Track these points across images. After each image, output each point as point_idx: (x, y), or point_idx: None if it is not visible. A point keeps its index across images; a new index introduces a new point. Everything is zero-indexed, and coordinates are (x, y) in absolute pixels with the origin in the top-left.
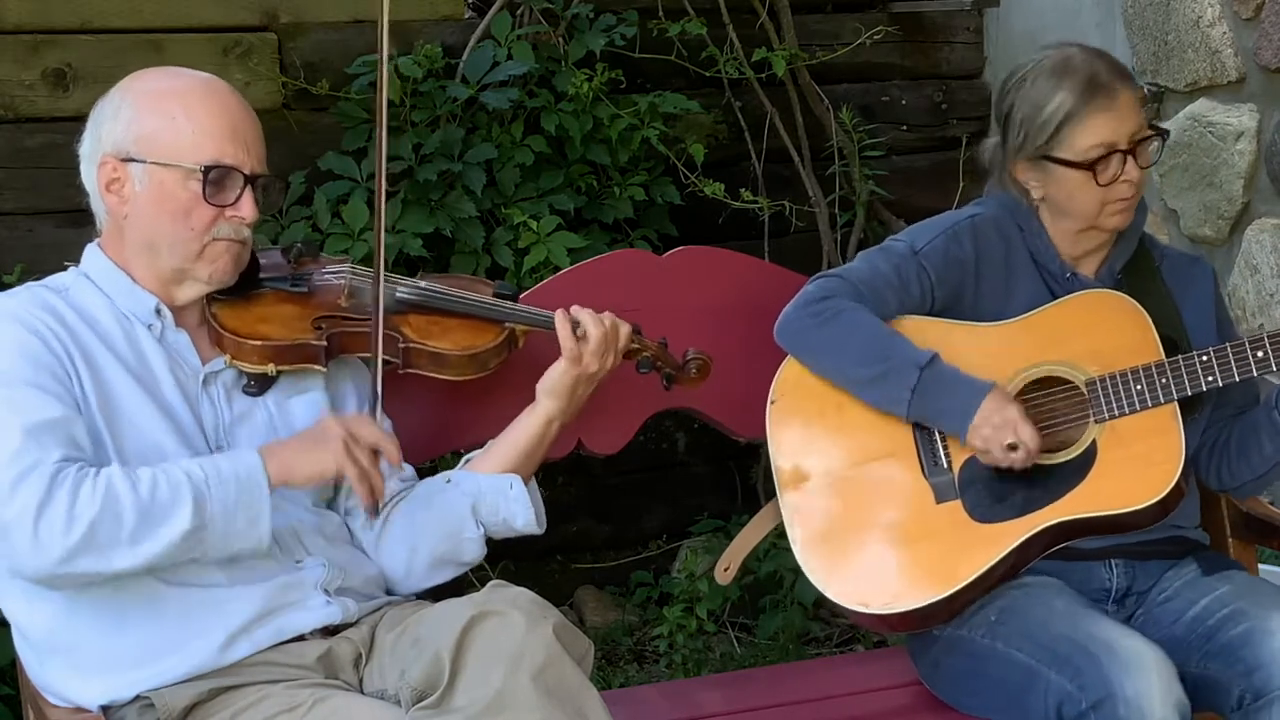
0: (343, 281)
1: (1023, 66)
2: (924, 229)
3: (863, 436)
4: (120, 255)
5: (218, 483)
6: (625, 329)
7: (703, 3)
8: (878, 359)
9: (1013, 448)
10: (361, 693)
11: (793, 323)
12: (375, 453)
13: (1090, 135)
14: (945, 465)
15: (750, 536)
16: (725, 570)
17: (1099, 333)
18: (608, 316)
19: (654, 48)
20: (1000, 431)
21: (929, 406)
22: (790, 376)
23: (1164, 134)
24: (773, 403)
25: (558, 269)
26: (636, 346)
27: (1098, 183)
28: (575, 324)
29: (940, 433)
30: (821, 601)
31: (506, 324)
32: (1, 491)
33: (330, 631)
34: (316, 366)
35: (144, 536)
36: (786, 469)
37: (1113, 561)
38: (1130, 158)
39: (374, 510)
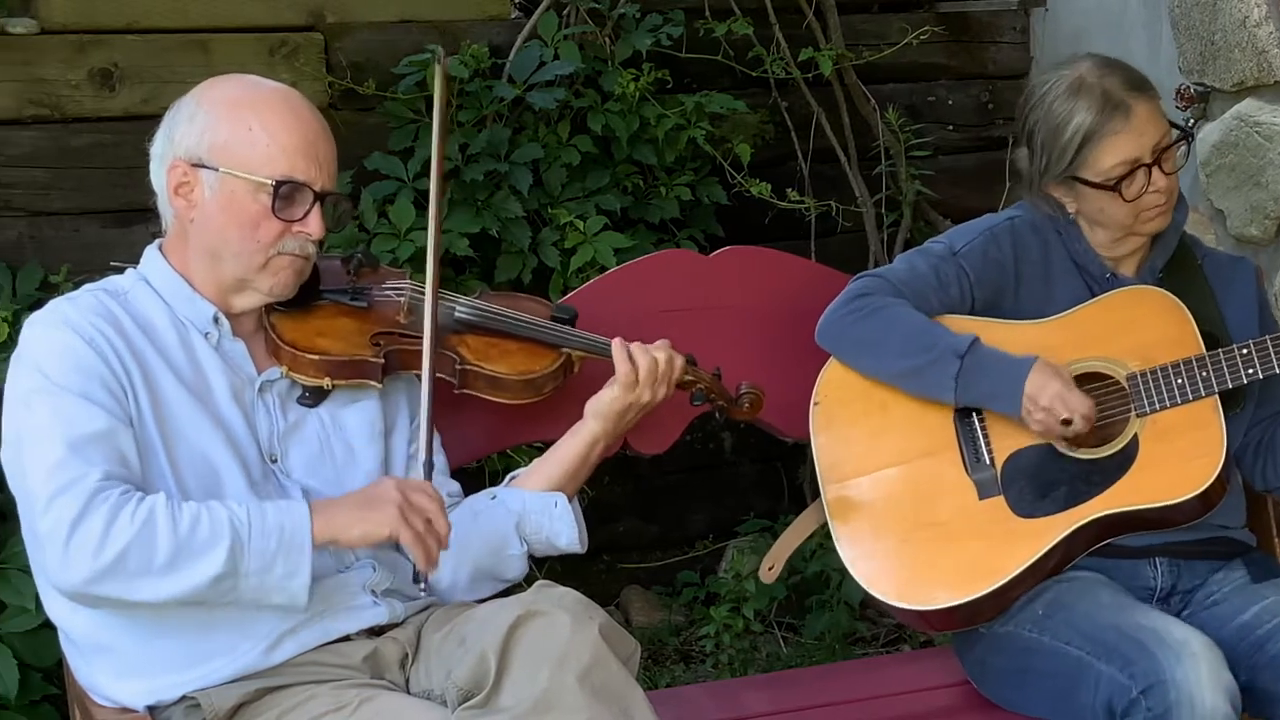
0: (402, 298)
1: (1038, 87)
2: (963, 231)
3: (905, 435)
4: (182, 260)
5: (260, 532)
6: (679, 362)
7: (749, 2)
8: (919, 350)
9: (1066, 423)
10: (408, 693)
11: (833, 323)
12: (428, 521)
13: (1111, 155)
14: (988, 461)
15: (794, 536)
16: (770, 570)
17: (1139, 328)
18: (664, 349)
19: (700, 48)
20: (1052, 412)
21: (975, 390)
22: (833, 378)
23: (1188, 135)
24: (816, 404)
25: (604, 269)
26: (691, 379)
27: (1124, 199)
28: (631, 352)
29: (983, 429)
30: (868, 601)
31: (564, 349)
32: (39, 503)
33: (376, 632)
34: (373, 383)
35: (173, 572)
36: (830, 469)
37: (1157, 560)
38: (1156, 167)
39: (425, 576)
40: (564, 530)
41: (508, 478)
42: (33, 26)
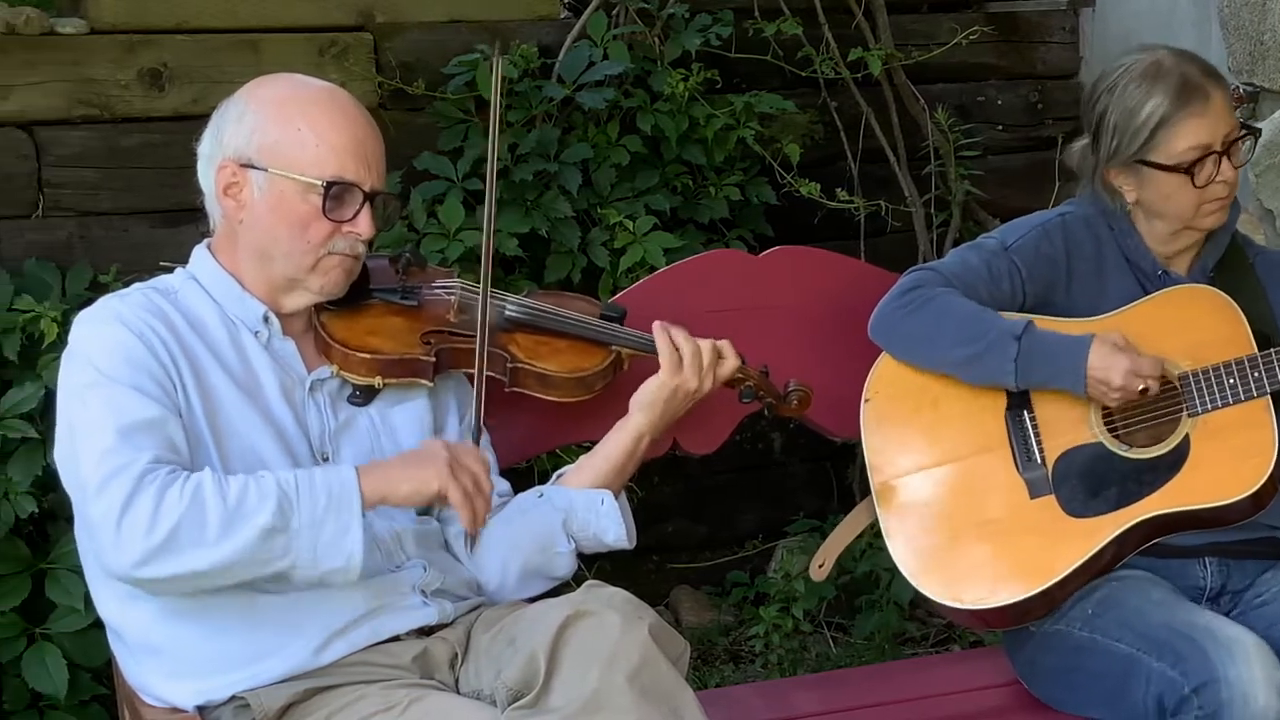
0: (452, 297)
1: (1111, 72)
2: (1015, 226)
3: (957, 433)
4: (231, 260)
5: (308, 491)
6: (728, 354)
7: (799, 2)
8: (974, 338)
9: (1144, 391)
10: (457, 693)
11: (886, 317)
12: (475, 483)
13: (1186, 138)
14: (1039, 460)
15: (845, 533)
16: (820, 567)
17: (1191, 327)
18: (724, 342)
19: (750, 47)
20: (1128, 389)
21: (1036, 373)
22: (884, 374)
23: (1256, 133)
24: (867, 401)
25: (653, 269)
26: (740, 375)
27: (1195, 184)
28: (673, 335)
29: (1034, 427)
30: (918, 601)
31: (613, 347)
32: (90, 489)
33: (426, 632)
34: (423, 381)
35: (225, 538)
36: (880, 466)
37: (1207, 559)
38: (1225, 158)
39: (473, 537)
40: (611, 527)
41: (555, 475)
42: (82, 27)
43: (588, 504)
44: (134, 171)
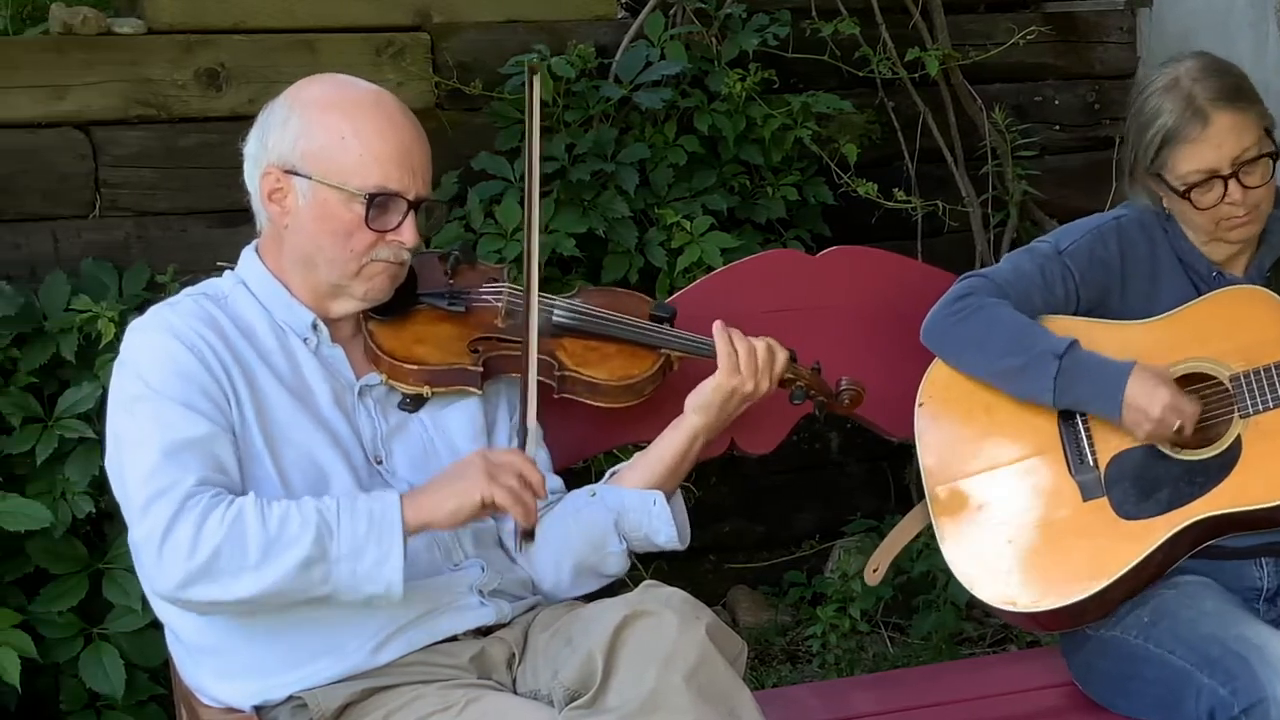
0: (500, 302)
1: (1145, 79)
2: (1069, 230)
3: (1009, 437)
4: (278, 264)
5: (349, 516)
6: (782, 355)
7: (856, 2)
8: (1019, 351)
9: (1179, 430)
10: (514, 693)
11: (937, 323)
12: (520, 476)
13: (1186, 162)
14: (1091, 463)
15: (899, 538)
16: (874, 571)
17: (1243, 328)
18: (765, 339)
19: (807, 47)
20: (1165, 423)
21: (1074, 393)
22: (938, 379)
23: (1275, 154)
24: (920, 405)
25: (711, 269)
26: (791, 375)
27: (1195, 207)
28: (733, 336)
29: (1087, 430)
30: (974, 601)
31: (663, 350)
32: (134, 510)
33: (484, 632)
34: (472, 389)
35: (265, 566)
36: (934, 470)
37: (1263, 560)
38: (1235, 180)
39: (528, 534)
40: (662, 528)
41: (608, 473)
42: (140, 27)
43: (640, 505)
44: (191, 171)
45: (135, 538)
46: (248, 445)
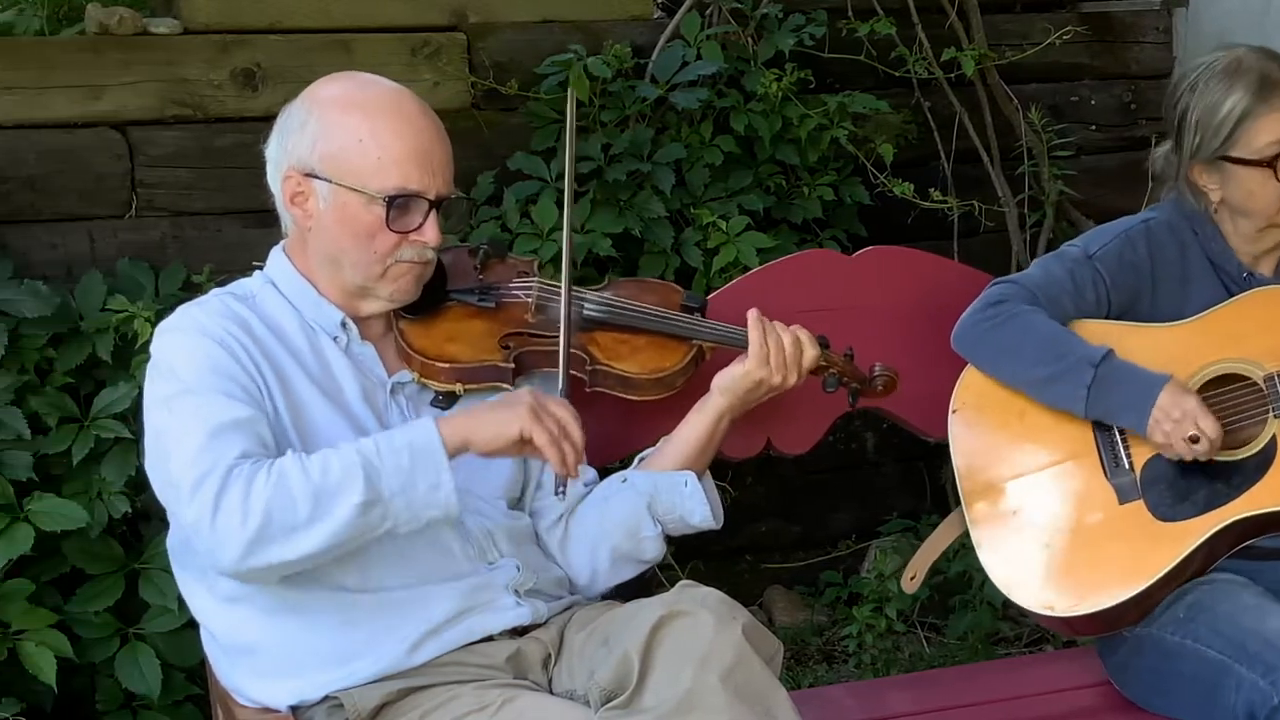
0: (530, 297)
1: (1192, 70)
2: (1098, 234)
3: (1044, 441)
4: (305, 264)
5: (390, 452)
6: (812, 353)
7: (892, 2)
8: (1052, 359)
9: (1194, 440)
10: (550, 693)
11: (968, 329)
12: (563, 429)
13: (1267, 132)
14: (1127, 466)
15: (936, 545)
16: (911, 579)
17: (1276, 328)
18: (798, 331)
19: (843, 48)
20: (1180, 425)
21: (1106, 403)
22: (971, 384)
23: None
24: (954, 411)
25: (747, 269)
26: (824, 364)
27: (1277, 178)
28: (767, 329)
29: (1121, 434)
30: (1011, 602)
31: (694, 341)
32: (184, 493)
33: (519, 632)
34: (504, 386)
35: (319, 517)
36: (969, 476)
37: None
38: None
39: (565, 482)
40: (696, 508)
41: (636, 459)
42: (176, 27)
43: (671, 486)
44: (227, 171)
45: (188, 520)
46: (280, 439)
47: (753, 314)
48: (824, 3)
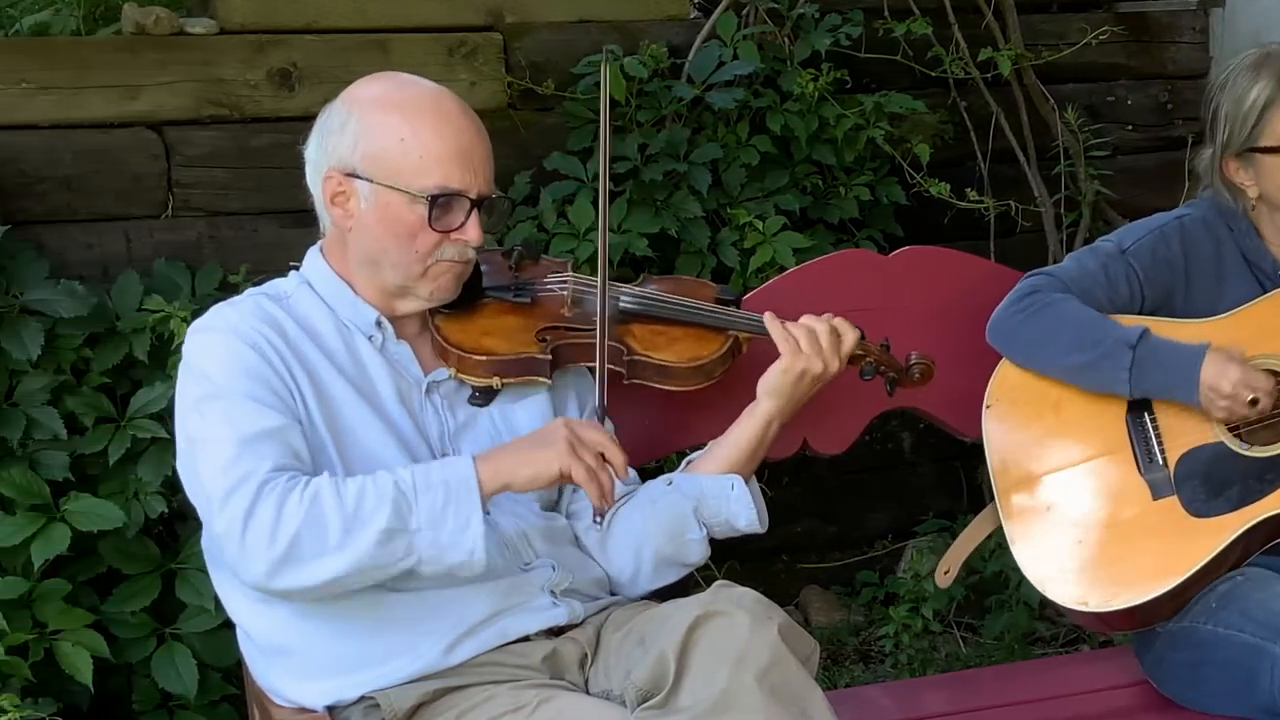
0: (565, 291)
1: (1224, 69)
2: (1132, 230)
3: (1078, 437)
4: (342, 265)
5: (425, 487)
6: (849, 334)
7: (928, 2)
8: (1090, 345)
9: (1254, 403)
10: (587, 693)
11: (1003, 321)
12: (601, 455)
13: None
14: (1161, 462)
15: (970, 540)
16: (945, 574)
17: None
18: (821, 319)
19: (879, 47)
20: (1236, 400)
21: (1150, 382)
22: (1005, 380)
23: None
24: (988, 407)
25: (783, 269)
26: (860, 352)
27: None
28: (786, 324)
29: (1155, 429)
30: (1047, 601)
31: (730, 331)
32: (214, 503)
33: (556, 632)
34: (541, 379)
35: (345, 544)
36: (1003, 472)
37: None
38: None
39: (602, 512)
40: (742, 512)
41: (684, 462)
42: (212, 27)
43: (718, 490)
44: (263, 171)
45: (217, 530)
46: (313, 443)
47: (767, 317)
48: (860, 3)
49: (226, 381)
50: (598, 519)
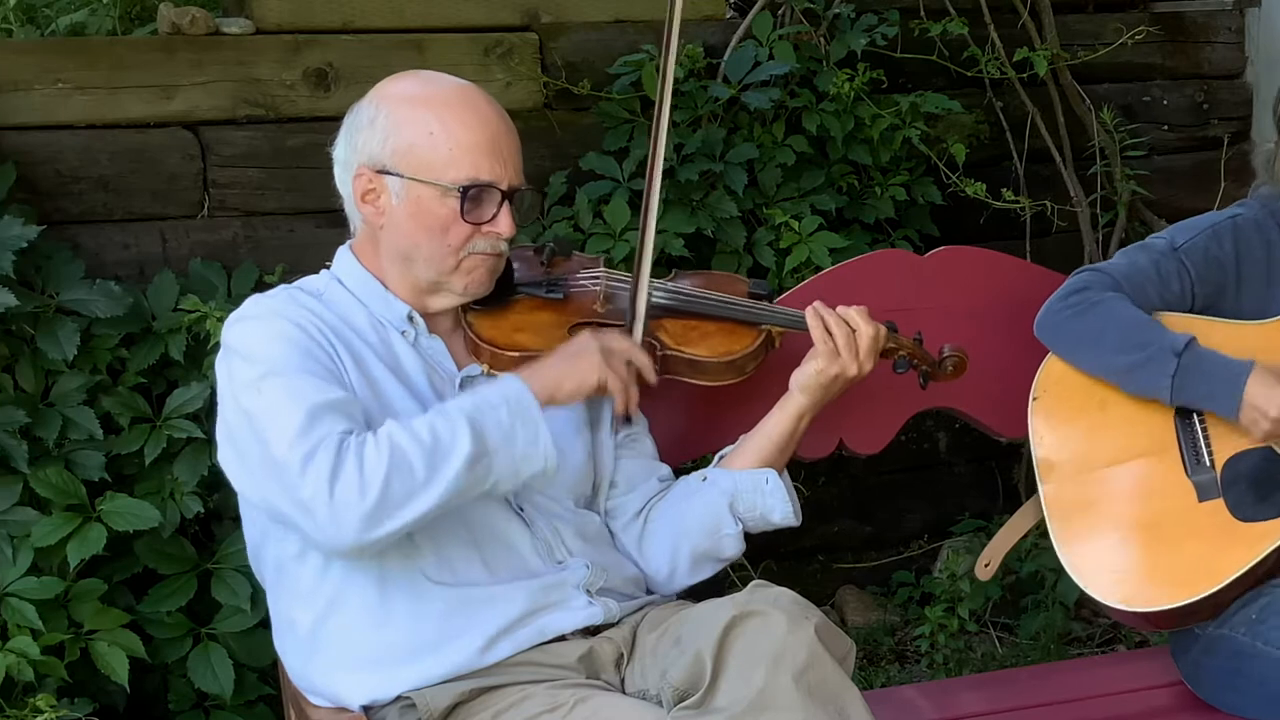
0: (598, 287)
1: None
2: (1185, 227)
3: (1125, 434)
4: (374, 262)
5: (488, 408)
6: (880, 331)
7: (964, 2)
8: (1134, 347)
9: None
10: (623, 693)
11: (1051, 316)
12: (628, 363)
13: None
14: (1208, 464)
15: (1011, 533)
16: (985, 566)
17: None
18: (860, 316)
19: (915, 47)
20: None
21: (1191, 392)
22: (1053, 373)
23: None
24: (1034, 400)
25: (819, 269)
26: (892, 345)
27: None
28: (826, 321)
29: (1204, 431)
30: (1083, 601)
31: (763, 326)
32: (293, 472)
33: (592, 631)
34: None
35: (433, 478)
36: (1048, 466)
37: None
38: None
39: (625, 420)
40: (777, 506)
41: (717, 456)
42: (248, 27)
43: (752, 484)
44: (299, 171)
45: (303, 497)
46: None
47: (809, 311)
48: (896, 2)
49: (282, 360)
50: (623, 425)
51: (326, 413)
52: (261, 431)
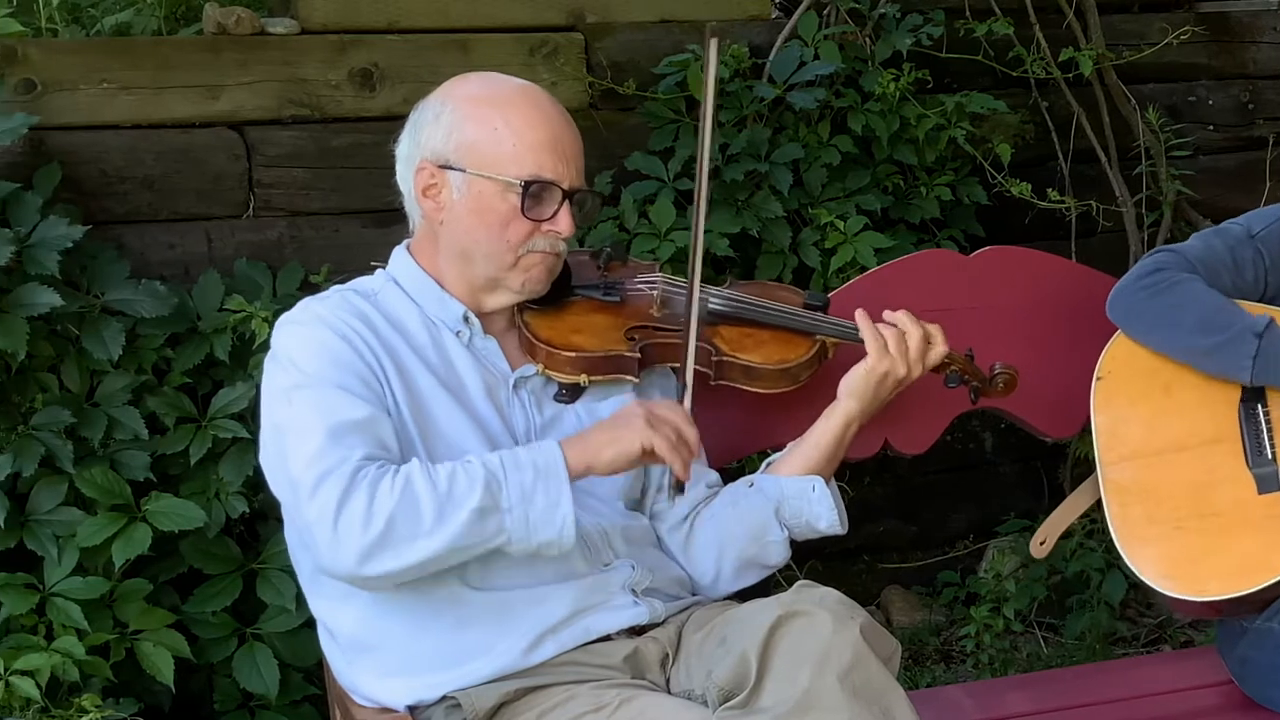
0: (655, 291)
1: None
2: (1261, 215)
3: (1188, 420)
4: (431, 261)
5: (514, 468)
6: (936, 336)
7: (1010, 2)
8: (1216, 329)
9: None
10: (668, 693)
11: (1126, 295)
12: (678, 432)
13: None
14: (1270, 456)
15: (1068, 511)
16: (1041, 544)
17: None
18: (908, 319)
19: (960, 47)
20: None
21: (1272, 372)
22: (1119, 354)
23: None
24: (1099, 379)
25: (865, 269)
26: (946, 360)
27: None
28: (877, 325)
29: (1268, 422)
30: (1129, 601)
31: (818, 336)
32: (304, 492)
33: (637, 631)
34: (629, 377)
35: (440, 524)
36: (1108, 447)
37: None
38: None
39: (682, 485)
40: (823, 513)
41: (764, 463)
42: (293, 27)
43: (799, 491)
44: (344, 171)
45: (309, 518)
46: (401, 436)
47: (859, 313)
48: (942, 3)
49: (316, 371)
50: (679, 492)
51: (349, 433)
52: (284, 444)
